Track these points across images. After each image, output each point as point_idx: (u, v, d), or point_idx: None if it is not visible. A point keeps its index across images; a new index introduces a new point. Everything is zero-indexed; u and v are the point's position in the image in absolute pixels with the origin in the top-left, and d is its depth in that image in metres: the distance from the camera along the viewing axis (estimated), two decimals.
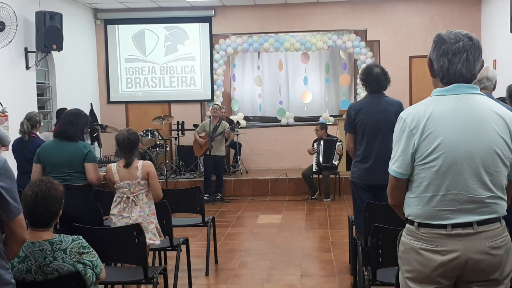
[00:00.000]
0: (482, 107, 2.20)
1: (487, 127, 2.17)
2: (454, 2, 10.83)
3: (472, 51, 2.22)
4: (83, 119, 4.49)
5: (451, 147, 2.16)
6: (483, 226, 2.17)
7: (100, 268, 2.80)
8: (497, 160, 2.17)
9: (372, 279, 3.45)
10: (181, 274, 4.60)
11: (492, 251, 2.16)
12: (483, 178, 2.16)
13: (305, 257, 5.84)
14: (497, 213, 2.20)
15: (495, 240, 2.18)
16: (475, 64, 2.23)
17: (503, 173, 2.20)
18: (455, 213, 2.17)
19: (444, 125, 2.17)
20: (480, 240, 2.16)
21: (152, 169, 4.19)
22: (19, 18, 7.86)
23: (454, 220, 2.17)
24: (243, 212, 8.46)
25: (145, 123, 10.98)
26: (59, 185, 2.77)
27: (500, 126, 2.18)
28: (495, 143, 2.17)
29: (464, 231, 2.16)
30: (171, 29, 11.39)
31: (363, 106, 4.54)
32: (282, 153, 11.34)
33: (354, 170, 4.64)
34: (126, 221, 4.09)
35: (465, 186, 2.16)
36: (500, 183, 2.20)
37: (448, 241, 2.17)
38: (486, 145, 2.16)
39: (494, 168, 2.17)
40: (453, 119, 2.18)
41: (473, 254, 2.15)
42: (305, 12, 11.12)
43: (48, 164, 4.31)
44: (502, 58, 9.08)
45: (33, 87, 8.68)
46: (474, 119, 2.18)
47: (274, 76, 12.96)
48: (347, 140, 4.69)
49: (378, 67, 4.60)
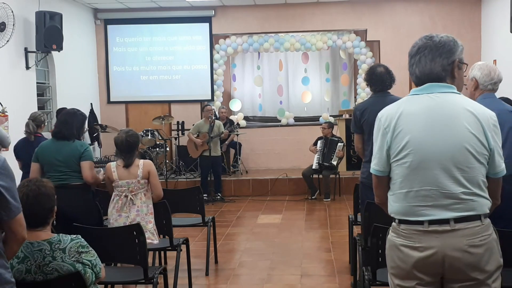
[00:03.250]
0: (453, 105, 2.25)
1: (457, 125, 2.21)
2: (454, 2, 10.83)
3: (428, 52, 2.32)
4: (79, 118, 4.49)
5: (419, 144, 2.23)
6: (460, 224, 2.18)
7: (100, 268, 2.80)
8: (468, 157, 2.20)
9: (372, 279, 3.45)
10: (181, 274, 4.60)
11: (469, 249, 2.17)
12: (454, 174, 2.20)
13: (305, 257, 5.84)
14: (475, 211, 2.20)
15: (474, 239, 2.18)
16: (431, 63, 2.30)
17: (478, 169, 2.21)
18: (430, 209, 2.21)
19: (413, 123, 2.26)
20: (457, 238, 2.17)
21: (153, 168, 4.20)
22: (19, 18, 7.87)
23: (431, 216, 2.21)
24: (243, 212, 8.46)
25: (145, 123, 10.98)
26: (48, 182, 2.77)
27: (472, 123, 2.21)
28: (465, 140, 2.20)
29: (441, 228, 2.19)
30: (171, 29, 11.39)
31: (368, 106, 4.51)
32: (282, 153, 11.34)
33: (363, 170, 4.60)
34: (124, 221, 4.09)
35: (436, 182, 2.21)
36: (475, 180, 2.21)
37: (425, 237, 2.21)
38: (456, 142, 2.20)
39: (466, 164, 2.20)
40: (422, 117, 2.25)
41: (450, 251, 2.17)
42: (305, 12, 11.12)
43: (46, 164, 4.33)
44: (502, 58, 9.08)
45: (33, 87, 8.68)
46: (444, 117, 2.23)
47: (274, 76, 12.96)
48: (355, 141, 4.67)
49: (382, 66, 4.59)
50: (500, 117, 3.47)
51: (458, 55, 2.32)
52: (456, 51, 2.31)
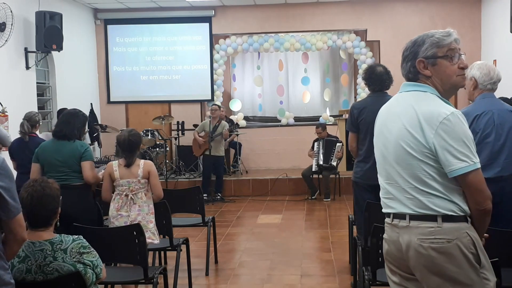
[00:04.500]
0: (403, 103, 2.30)
1: (398, 122, 2.27)
2: (454, 2, 10.83)
3: (404, 52, 2.36)
4: (80, 118, 4.48)
5: (376, 139, 2.41)
6: (415, 222, 2.20)
7: (101, 268, 2.80)
8: (404, 153, 2.23)
9: (372, 279, 3.45)
10: (181, 274, 4.60)
11: (419, 249, 2.16)
12: (398, 170, 2.26)
13: (305, 257, 5.84)
14: (430, 210, 2.16)
15: (425, 239, 2.15)
16: (405, 64, 2.36)
17: (417, 166, 2.18)
18: (391, 202, 2.29)
19: (374, 121, 2.46)
20: (411, 235, 2.19)
21: (153, 168, 4.21)
22: (19, 18, 7.87)
23: (393, 209, 2.28)
24: (243, 212, 8.46)
25: (145, 123, 10.97)
26: (53, 183, 2.76)
27: (410, 120, 2.22)
28: (400, 137, 2.25)
29: (400, 222, 2.24)
30: (171, 29, 11.39)
31: (366, 105, 4.51)
32: (282, 153, 11.34)
33: (356, 170, 4.62)
34: (124, 220, 4.09)
35: (392, 176, 2.28)
36: (417, 176, 2.19)
37: (390, 230, 2.31)
38: (393, 140, 2.28)
39: (404, 160, 2.23)
40: (381, 115, 2.42)
41: (405, 247, 2.21)
42: (305, 12, 11.11)
43: (46, 164, 4.32)
44: (502, 58, 9.08)
45: (33, 87, 8.68)
46: (392, 115, 2.33)
47: (274, 76, 12.95)
48: (350, 139, 4.67)
49: (381, 66, 4.59)
50: (500, 117, 3.50)
51: (423, 54, 2.27)
52: (419, 51, 2.28)
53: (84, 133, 4.59)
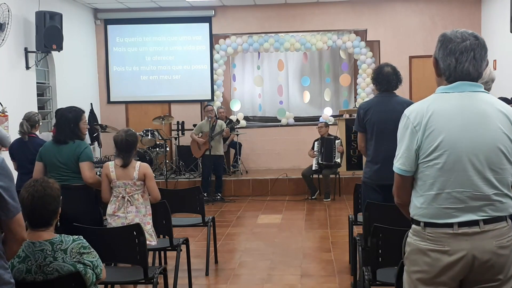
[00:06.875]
0: (486, 105, 2.20)
1: (491, 125, 2.17)
2: (454, 2, 10.82)
3: (479, 50, 2.22)
4: (69, 117, 4.36)
5: (454, 144, 2.16)
6: (489, 225, 2.15)
7: (101, 269, 2.80)
8: (501, 157, 2.17)
9: (372, 279, 3.45)
10: (181, 274, 4.60)
11: (498, 251, 2.15)
12: (487, 175, 2.15)
13: (305, 257, 5.84)
14: (502, 212, 2.18)
15: (502, 239, 2.16)
16: (482, 63, 2.24)
17: (509, 170, 2.18)
18: (460, 211, 2.16)
19: (446, 123, 2.17)
20: (487, 239, 2.14)
21: (149, 171, 4.19)
22: (19, 18, 7.87)
23: (460, 218, 2.16)
24: (243, 212, 8.46)
25: (145, 123, 10.97)
26: (54, 183, 2.76)
27: (504, 123, 2.18)
28: (499, 140, 2.16)
29: (471, 230, 2.15)
30: (171, 29, 11.39)
31: (372, 105, 4.49)
32: (282, 153, 11.33)
33: (365, 170, 4.58)
34: (121, 221, 4.09)
35: (470, 184, 2.16)
36: (505, 181, 2.18)
37: (455, 240, 2.15)
38: (490, 142, 2.16)
39: (499, 165, 2.16)
40: (456, 116, 2.18)
41: (480, 253, 2.13)
42: (305, 12, 11.11)
43: (48, 164, 4.34)
44: (502, 58, 9.07)
45: (33, 87, 8.68)
46: (477, 116, 2.18)
47: (274, 76, 12.95)
48: (359, 139, 4.65)
49: (390, 66, 4.54)
50: None
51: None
52: None
53: (83, 128, 4.43)
